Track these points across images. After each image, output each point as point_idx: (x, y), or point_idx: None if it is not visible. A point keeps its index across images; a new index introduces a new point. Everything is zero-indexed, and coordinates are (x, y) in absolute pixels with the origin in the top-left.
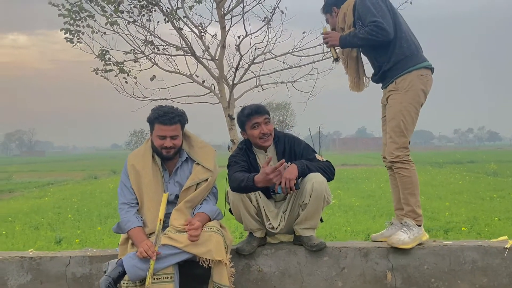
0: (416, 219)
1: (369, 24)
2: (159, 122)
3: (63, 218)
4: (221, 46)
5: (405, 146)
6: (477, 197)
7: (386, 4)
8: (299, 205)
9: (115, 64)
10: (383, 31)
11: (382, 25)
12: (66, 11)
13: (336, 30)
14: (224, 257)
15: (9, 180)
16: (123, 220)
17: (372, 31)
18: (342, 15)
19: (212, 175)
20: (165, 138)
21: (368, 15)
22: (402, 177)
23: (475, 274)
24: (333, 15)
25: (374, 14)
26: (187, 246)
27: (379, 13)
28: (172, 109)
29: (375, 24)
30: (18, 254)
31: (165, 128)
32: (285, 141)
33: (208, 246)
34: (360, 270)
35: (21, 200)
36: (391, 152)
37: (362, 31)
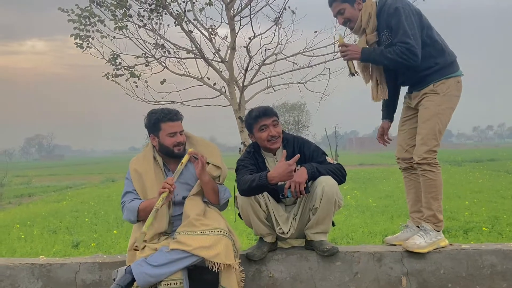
0: (436, 224)
1: (401, 45)
2: (167, 120)
3: (80, 221)
4: (231, 48)
5: (435, 150)
6: (498, 196)
7: (418, 18)
8: (309, 209)
9: (126, 68)
10: (414, 56)
11: (415, 50)
12: (76, 16)
13: (355, 25)
14: (233, 261)
15: (29, 185)
16: (130, 204)
17: (403, 54)
18: (368, 14)
19: (222, 172)
20: (176, 134)
21: (400, 31)
22: (427, 180)
23: (494, 279)
24: (354, 6)
25: (408, 34)
26: (195, 249)
27: (412, 32)
28: (170, 108)
29: (407, 48)
30: (29, 261)
31: (174, 125)
32: (294, 143)
33: (217, 249)
34: (374, 275)
35: (40, 204)
36: (420, 153)
37: (391, 51)
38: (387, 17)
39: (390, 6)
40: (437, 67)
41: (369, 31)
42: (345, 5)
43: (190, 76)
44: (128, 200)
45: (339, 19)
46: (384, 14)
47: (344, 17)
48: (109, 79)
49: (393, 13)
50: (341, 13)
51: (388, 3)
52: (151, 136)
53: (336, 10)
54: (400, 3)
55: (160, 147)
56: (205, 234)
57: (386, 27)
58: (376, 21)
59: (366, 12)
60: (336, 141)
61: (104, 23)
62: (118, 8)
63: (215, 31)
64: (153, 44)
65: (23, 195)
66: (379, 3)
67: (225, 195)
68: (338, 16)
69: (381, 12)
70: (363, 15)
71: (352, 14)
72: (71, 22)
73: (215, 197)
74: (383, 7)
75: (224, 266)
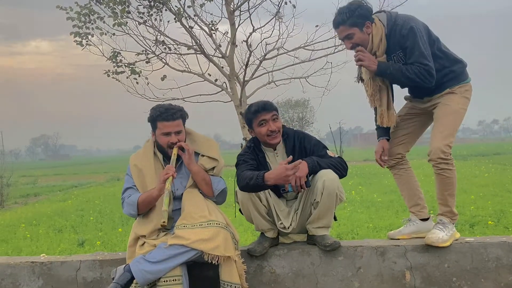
0: (452, 218)
1: (419, 65)
2: (161, 119)
3: (85, 220)
4: (231, 43)
5: (451, 145)
6: (504, 190)
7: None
8: (311, 203)
9: (126, 65)
10: (431, 77)
11: (432, 72)
12: (76, 14)
13: (367, 48)
14: (233, 253)
15: (35, 184)
16: (130, 199)
17: (421, 75)
18: (379, 37)
19: (218, 164)
20: (170, 134)
21: (416, 52)
22: (445, 179)
23: (500, 272)
24: (363, 30)
25: (424, 55)
26: (194, 243)
27: (427, 52)
28: (171, 105)
29: (425, 69)
30: (30, 260)
31: (169, 125)
32: (295, 137)
33: (216, 242)
34: (377, 270)
35: (46, 204)
36: (438, 146)
37: (409, 70)
38: (400, 38)
39: (402, 26)
40: (453, 75)
41: (379, 53)
42: (354, 30)
43: (190, 72)
44: (128, 195)
45: (346, 44)
46: (395, 35)
47: (353, 42)
48: (109, 77)
49: (407, 34)
50: (350, 38)
51: (399, 24)
52: (152, 132)
53: (344, 34)
54: (413, 23)
55: (157, 144)
56: (204, 227)
57: (400, 48)
58: (386, 43)
59: (377, 35)
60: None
61: (104, 20)
62: (117, 4)
63: (216, 26)
64: (153, 41)
65: (29, 195)
66: (388, 24)
67: (218, 186)
68: (346, 41)
69: (392, 33)
70: (374, 39)
71: (361, 39)
72: (70, 19)
73: (207, 188)
74: (394, 28)
75: (223, 259)
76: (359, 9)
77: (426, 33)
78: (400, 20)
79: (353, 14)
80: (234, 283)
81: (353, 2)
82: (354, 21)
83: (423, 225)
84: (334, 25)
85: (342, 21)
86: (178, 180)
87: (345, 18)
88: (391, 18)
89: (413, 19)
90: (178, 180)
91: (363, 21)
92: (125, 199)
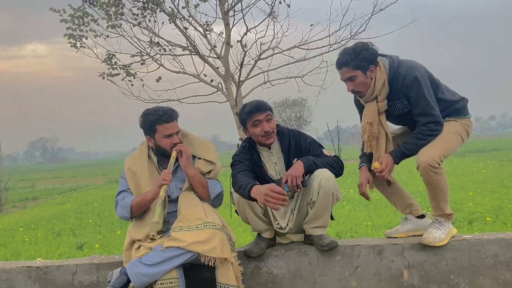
0: (448, 217)
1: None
2: (162, 122)
3: (84, 223)
4: (225, 43)
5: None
6: (501, 186)
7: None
8: (307, 203)
9: (121, 67)
10: (441, 126)
11: (441, 120)
12: (70, 16)
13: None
14: (229, 254)
15: (33, 188)
16: (123, 201)
17: (433, 131)
18: (382, 82)
19: (215, 167)
20: (172, 135)
21: (422, 102)
22: (435, 187)
23: (498, 269)
24: (367, 74)
25: (431, 105)
26: (190, 245)
27: (432, 99)
28: (164, 107)
29: (434, 121)
30: (26, 264)
31: (169, 126)
32: (290, 136)
33: (212, 243)
34: (374, 269)
35: (44, 207)
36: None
37: (421, 135)
38: (404, 87)
39: (406, 76)
40: (454, 111)
41: (381, 98)
42: (357, 72)
43: (186, 73)
44: (121, 198)
45: (348, 85)
46: (398, 83)
47: (355, 84)
48: (104, 79)
49: (412, 83)
50: (352, 80)
51: (402, 72)
52: (147, 137)
53: (347, 76)
54: (417, 71)
55: (157, 148)
56: (200, 229)
57: (404, 96)
58: (388, 88)
59: (381, 80)
60: (338, 136)
61: (98, 22)
62: (111, 6)
63: (210, 27)
64: (147, 42)
65: (27, 199)
66: (391, 70)
67: (215, 190)
68: (348, 82)
69: (394, 80)
70: (378, 83)
71: (364, 83)
72: (64, 22)
73: (204, 191)
74: (396, 76)
75: (220, 260)
76: (364, 52)
77: (429, 79)
78: (403, 69)
79: (358, 56)
80: (231, 285)
81: (358, 43)
82: (358, 63)
83: (419, 222)
84: (338, 65)
85: (346, 63)
86: (174, 183)
87: (349, 59)
88: (393, 64)
89: (416, 67)
90: (173, 183)
91: (367, 65)
92: (118, 202)
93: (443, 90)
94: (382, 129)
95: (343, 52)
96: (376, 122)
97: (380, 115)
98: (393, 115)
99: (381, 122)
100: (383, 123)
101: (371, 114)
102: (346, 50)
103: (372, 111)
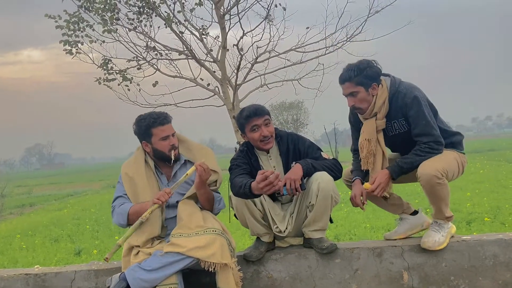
0: (448, 219)
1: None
2: (158, 125)
3: (82, 229)
4: (222, 47)
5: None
6: (499, 186)
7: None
8: (306, 206)
9: (117, 72)
10: (441, 145)
11: (440, 140)
12: (65, 22)
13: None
14: (229, 260)
15: (30, 194)
16: (121, 208)
17: (433, 149)
18: (383, 100)
19: (219, 176)
20: (169, 137)
21: (422, 121)
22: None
23: (497, 270)
24: (369, 91)
25: (431, 124)
26: (190, 250)
27: (432, 120)
28: (158, 111)
29: (434, 140)
30: (24, 271)
31: (165, 128)
32: (288, 140)
33: (212, 249)
34: (374, 271)
35: (41, 213)
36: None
37: (420, 153)
38: (403, 106)
39: (406, 95)
40: (451, 145)
41: (380, 116)
42: (360, 89)
43: (182, 78)
44: (118, 204)
45: (349, 100)
46: (397, 102)
47: (356, 100)
48: (101, 84)
49: (411, 103)
50: (353, 96)
51: (401, 92)
52: (144, 143)
53: (348, 91)
54: (417, 92)
55: (155, 153)
56: (200, 235)
57: (402, 116)
58: (388, 107)
59: (381, 98)
60: (335, 138)
61: (93, 28)
62: (106, 11)
63: (206, 31)
64: (144, 47)
65: (24, 205)
66: (391, 89)
67: (219, 206)
68: (349, 97)
69: (394, 98)
70: (378, 100)
71: (365, 100)
72: (59, 28)
73: (209, 206)
74: (396, 95)
75: (220, 266)
76: (368, 69)
77: (428, 104)
78: (403, 88)
79: (362, 73)
80: None
81: (363, 60)
82: (361, 80)
83: (415, 219)
84: (340, 80)
85: (349, 78)
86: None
87: (353, 75)
88: (394, 84)
89: (416, 88)
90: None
91: (370, 82)
92: (115, 208)
93: (441, 119)
94: (379, 147)
95: (347, 67)
96: (374, 139)
97: (378, 133)
98: (388, 135)
99: (378, 140)
100: (381, 141)
101: (369, 131)
102: (350, 66)
103: (371, 128)
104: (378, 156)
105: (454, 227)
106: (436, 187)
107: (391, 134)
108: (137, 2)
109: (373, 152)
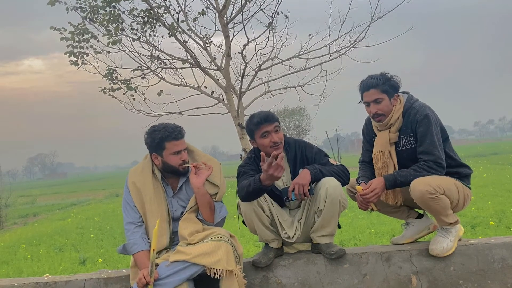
0: (453, 224)
1: (430, 161)
2: (172, 139)
3: (86, 238)
4: (226, 55)
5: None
6: (503, 190)
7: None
8: (314, 211)
9: (122, 82)
10: (442, 168)
11: (442, 163)
12: (70, 34)
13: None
14: (234, 266)
15: (33, 204)
16: (129, 243)
17: (431, 169)
18: (399, 114)
19: (220, 190)
20: (180, 152)
21: (428, 140)
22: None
23: (506, 273)
24: (391, 101)
25: (435, 145)
26: (195, 257)
27: (439, 142)
28: (173, 125)
29: (434, 160)
30: (34, 280)
31: (178, 143)
32: (296, 147)
33: (217, 255)
34: (383, 276)
35: (45, 223)
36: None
37: (418, 169)
38: (414, 121)
39: (418, 112)
40: (457, 175)
41: (393, 129)
42: (384, 96)
43: (187, 86)
44: (131, 232)
45: (372, 107)
46: (409, 117)
47: (378, 108)
48: (106, 94)
49: (422, 120)
50: (378, 103)
51: (415, 108)
52: (154, 155)
53: (373, 98)
54: (429, 111)
55: (164, 166)
56: (205, 242)
57: (411, 131)
58: (402, 121)
59: (399, 111)
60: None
61: (98, 39)
62: (111, 22)
63: (210, 39)
64: (148, 56)
65: (28, 215)
66: (406, 104)
67: (221, 213)
68: (372, 104)
69: (406, 114)
70: (396, 113)
71: (388, 108)
72: (64, 40)
73: (210, 212)
74: (409, 111)
75: (226, 273)
76: (392, 80)
77: (440, 128)
78: (417, 105)
79: (387, 82)
80: None
81: (385, 72)
82: (386, 88)
83: (421, 223)
84: (365, 87)
85: (376, 85)
86: (176, 199)
87: (379, 82)
88: (410, 100)
89: (430, 108)
90: (175, 200)
91: (393, 92)
92: (128, 237)
93: (451, 146)
94: (391, 160)
95: (371, 76)
96: (387, 151)
97: (391, 146)
98: (396, 150)
99: (390, 152)
100: (392, 154)
101: (382, 143)
102: (373, 75)
103: (384, 141)
104: (390, 169)
105: (462, 229)
106: (429, 202)
107: (398, 149)
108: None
109: (386, 163)
